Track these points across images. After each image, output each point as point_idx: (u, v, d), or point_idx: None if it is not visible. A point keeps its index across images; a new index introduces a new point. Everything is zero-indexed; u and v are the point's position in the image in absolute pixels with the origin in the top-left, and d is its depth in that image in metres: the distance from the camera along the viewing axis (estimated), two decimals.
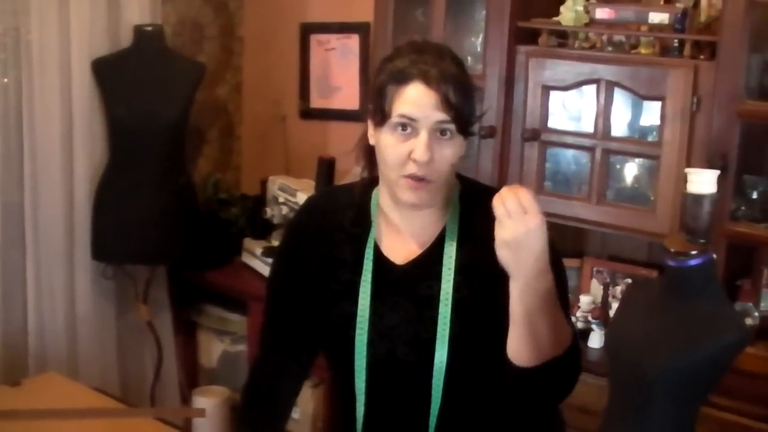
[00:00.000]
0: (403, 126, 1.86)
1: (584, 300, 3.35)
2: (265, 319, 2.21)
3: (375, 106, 1.91)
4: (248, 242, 4.13)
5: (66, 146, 3.72)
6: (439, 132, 1.86)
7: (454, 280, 1.96)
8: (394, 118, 1.86)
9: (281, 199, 3.93)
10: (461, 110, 1.86)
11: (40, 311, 3.71)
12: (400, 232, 2.03)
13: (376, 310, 2.00)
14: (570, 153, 3.32)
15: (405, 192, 1.91)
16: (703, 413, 2.76)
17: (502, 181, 3.37)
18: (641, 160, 3.20)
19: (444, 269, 1.97)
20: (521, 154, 3.33)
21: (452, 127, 1.86)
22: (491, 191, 2.09)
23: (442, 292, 1.95)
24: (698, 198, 1.56)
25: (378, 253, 2.03)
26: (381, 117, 1.89)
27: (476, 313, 1.95)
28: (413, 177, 1.88)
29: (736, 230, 2.94)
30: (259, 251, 3.98)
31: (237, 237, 4.22)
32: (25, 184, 3.64)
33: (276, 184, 4.00)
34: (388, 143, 1.89)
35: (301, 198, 3.69)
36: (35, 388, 2.86)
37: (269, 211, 4.02)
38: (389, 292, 2.01)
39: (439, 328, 1.95)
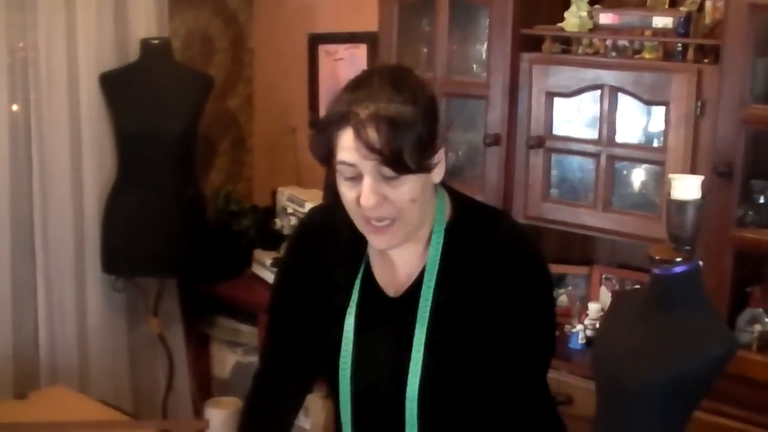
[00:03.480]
0: (348, 172, 1.78)
1: (593, 308, 3.33)
2: (266, 333, 2.19)
3: (318, 152, 1.83)
4: (258, 253, 4.14)
5: (75, 160, 3.75)
6: (385, 172, 1.75)
7: (429, 321, 1.88)
8: (338, 166, 1.78)
9: (290, 210, 3.93)
10: (391, 153, 1.72)
11: (50, 324, 3.73)
12: (391, 259, 1.96)
13: (362, 342, 1.95)
14: (575, 160, 3.29)
15: (369, 237, 1.85)
16: (711, 422, 2.76)
17: (509, 188, 3.36)
18: (646, 166, 3.17)
19: (420, 310, 1.89)
20: (526, 161, 3.31)
21: (390, 170, 1.74)
22: (487, 217, 1.97)
23: (416, 333, 1.89)
24: (682, 204, 1.54)
25: (370, 280, 1.97)
26: (326, 163, 1.81)
27: (450, 356, 1.89)
28: (370, 222, 1.81)
29: (743, 236, 2.89)
30: (269, 262, 3.99)
31: (248, 248, 4.22)
32: (34, 197, 3.67)
33: (285, 195, 4.01)
34: (341, 190, 1.81)
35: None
36: (41, 401, 2.87)
37: (279, 222, 4.03)
38: (374, 325, 1.95)
39: (411, 368, 1.88)
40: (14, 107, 3.64)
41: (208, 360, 4.35)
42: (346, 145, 1.75)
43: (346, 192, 1.79)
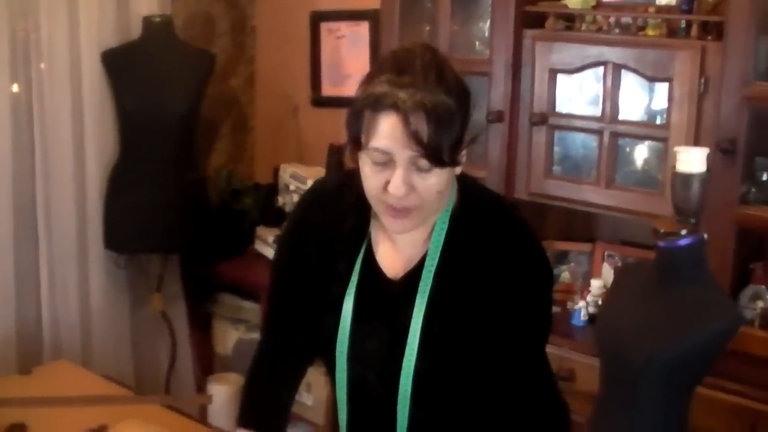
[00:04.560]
0: (379, 158, 1.73)
1: (595, 284, 3.33)
2: (266, 311, 2.19)
3: (351, 130, 1.75)
4: (261, 230, 4.14)
5: (77, 138, 3.74)
6: (418, 163, 1.71)
7: (425, 313, 1.86)
8: (370, 150, 1.72)
9: (292, 187, 3.94)
10: (435, 146, 1.68)
11: (53, 302, 3.73)
12: (394, 243, 1.93)
13: (358, 331, 1.93)
14: (578, 137, 3.30)
15: (386, 219, 1.81)
16: (712, 398, 2.77)
17: (511, 165, 3.36)
18: (649, 143, 3.17)
19: (418, 299, 1.86)
20: (529, 138, 3.32)
21: (426, 162, 1.70)
22: (490, 208, 1.93)
23: (412, 324, 1.86)
24: (687, 177, 1.53)
25: (370, 263, 1.94)
26: (357, 143, 1.75)
27: (445, 349, 1.86)
28: (393, 207, 1.78)
29: (746, 214, 2.90)
30: (271, 240, 3.99)
31: (250, 227, 4.23)
32: (36, 176, 3.65)
33: (287, 172, 4.01)
34: (365, 172, 1.77)
35: None
36: (46, 376, 2.88)
37: (281, 200, 4.03)
38: (372, 309, 1.93)
39: (405, 361, 1.86)
40: (15, 87, 3.62)
41: (210, 337, 4.36)
42: (385, 132, 1.69)
43: (371, 177, 1.75)
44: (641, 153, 3.22)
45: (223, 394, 3.85)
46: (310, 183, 3.75)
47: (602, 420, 1.66)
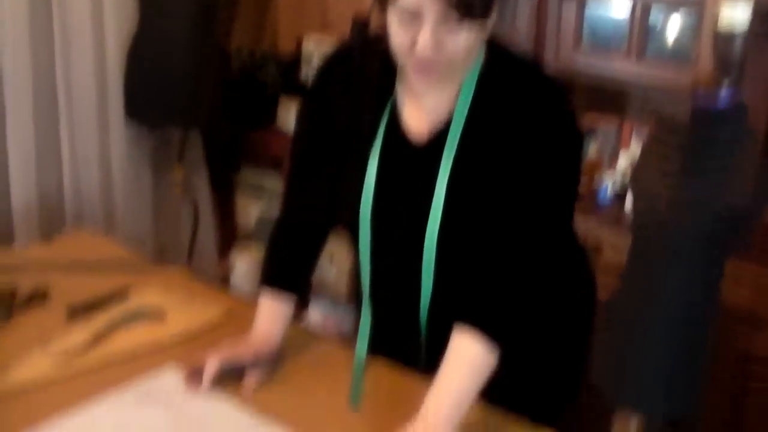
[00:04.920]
0: (407, 14, 1.70)
1: (623, 159, 3.29)
2: (288, 178, 2.16)
3: None
4: (284, 102, 4.09)
5: (96, 7, 3.66)
6: (448, 17, 1.69)
7: (450, 173, 1.85)
8: (397, 6, 1.70)
9: (316, 58, 3.87)
10: None
11: (74, 172, 3.71)
12: (420, 104, 1.92)
13: (382, 194, 1.93)
14: (609, 8, 3.22)
15: (413, 76, 1.81)
16: (740, 269, 2.74)
17: (540, 38, 3.29)
18: (683, 14, 3.09)
19: (443, 160, 1.85)
20: (559, 10, 3.24)
21: (456, 15, 1.67)
22: (519, 68, 1.89)
23: (437, 185, 1.85)
24: (729, 35, 1.46)
25: (395, 125, 1.93)
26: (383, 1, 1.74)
27: (470, 210, 1.86)
28: (420, 63, 1.75)
29: None
30: (294, 111, 3.94)
31: (273, 99, 4.17)
32: (55, 46, 3.58)
33: (311, 43, 3.94)
34: (392, 29, 1.75)
35: None
36: (68, 244, 2.87)
37: (304, 71, 3.97)
38: (397, 170, 1.92)
39: (429, 223, 1.86)
40: None
41: (233, 209, 4.36)
42: None
43: (400, 35, 1.74)
44: (674, 25, 3.13)
45: (245, 265, 3.87)
46: None
47: (630, 286, 1.63)
